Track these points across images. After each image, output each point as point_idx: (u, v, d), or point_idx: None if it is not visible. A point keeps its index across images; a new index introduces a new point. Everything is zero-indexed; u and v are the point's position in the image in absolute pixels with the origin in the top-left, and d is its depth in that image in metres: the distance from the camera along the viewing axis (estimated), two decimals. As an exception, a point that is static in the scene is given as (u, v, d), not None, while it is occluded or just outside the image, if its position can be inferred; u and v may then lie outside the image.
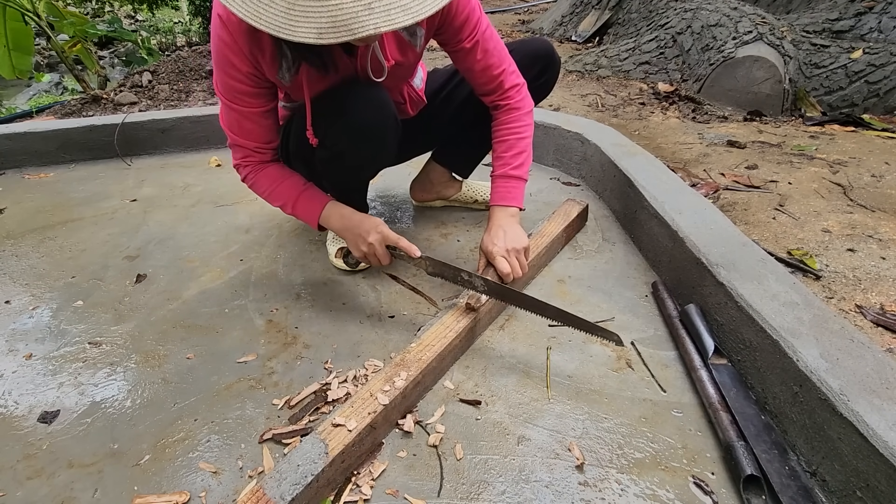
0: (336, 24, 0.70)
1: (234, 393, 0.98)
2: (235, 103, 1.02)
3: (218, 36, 0.93)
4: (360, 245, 1.10)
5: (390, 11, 0.72)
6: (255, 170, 1.13)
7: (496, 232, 1.14)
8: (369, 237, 1.08)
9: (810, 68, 2.61)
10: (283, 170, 1.15)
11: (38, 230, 1.59)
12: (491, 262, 1.12)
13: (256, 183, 1.14)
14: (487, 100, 1.20)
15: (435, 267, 1.08)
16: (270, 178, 1.13)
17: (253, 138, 1.08)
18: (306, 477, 0.73)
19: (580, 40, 3.97)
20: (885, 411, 0.71)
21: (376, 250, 1.09)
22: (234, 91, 1.00)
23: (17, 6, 3.06)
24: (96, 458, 0.86)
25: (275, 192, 1.13)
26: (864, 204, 1.53)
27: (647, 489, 0.79)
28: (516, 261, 1.11)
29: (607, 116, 2.52)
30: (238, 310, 1.21)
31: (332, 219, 1.13)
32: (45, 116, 2.68)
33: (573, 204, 1.48)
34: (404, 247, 1.08)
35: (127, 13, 7.70)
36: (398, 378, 0.90)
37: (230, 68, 0.96)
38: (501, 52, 1.14)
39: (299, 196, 1.13)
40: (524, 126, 1.19)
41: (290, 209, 1.14)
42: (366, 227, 1.09)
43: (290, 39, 0.72)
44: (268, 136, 1.10)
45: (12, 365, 1.06)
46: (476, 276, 1.05)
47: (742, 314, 0.95)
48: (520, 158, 1.19)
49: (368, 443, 0.84)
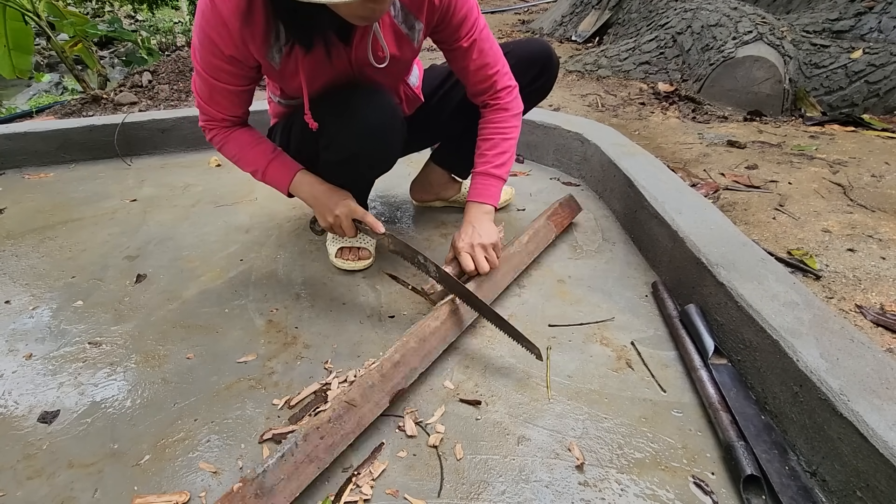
0: None
1: (234, 393, 0.98)
2: (211, 76, 1.01)
3: (204, 16, 0.91)
4: (326, 216, 1.14)
5: None
6: (222, 133, 1.13)
7: (466, 228, 1.16)
8: (336, 209, 1.11)
9: (810, 68, 2.61)
10: (252, 134, 1.15)
11: (38, 230, 1.59)
12: (456, 256, 1.15)
13: (225, 146, 1.14)
14: (478, 99, 1.20)
15: (397, 246, 1.11)
16: (240, 142, 1.13)
17: (222, 110, 1.08)
18: (279, 451, 0.76)
19: (580, 40, 3.97)
20: (885, 411, 0.71)
21: (342, 222, 1.12)
22: (214, 67, 0.99)
23: (17, 6, 3.06)
24: (96, 458, 0.86)
25: (245, 157, 1.14)
26: (864, 204, 1.53)
27: (647, 489, 0.79)
28: (481, 257, 1.13)
29: (607, 116, 2.52)
30: (238, 310, 1.21)
31: (302, 187, 1.14)
32: (45, 116, 2.67)
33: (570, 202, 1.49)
34: (370, 222, 1.10)
35: (127, 13, 7.70)
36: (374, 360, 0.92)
37: (212, 46, 0.95)
38: (496, 53, 1.14)
39: (270, 163, 1.13)
40: (510, 127, 1.19)
41: (261, 175, 1.14)
42: (334, 199, 1.12)
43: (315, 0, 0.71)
44: (237, 112, 1.10)
45: (12, 365, 1.06)
46: (430, 262, 1.07)
47: (742, 314, 0.95)
48: (502, 158, 1.19)
49: (351, 422, 0.84)
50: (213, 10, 0.89)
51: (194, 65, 1.02)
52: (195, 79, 1.05)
